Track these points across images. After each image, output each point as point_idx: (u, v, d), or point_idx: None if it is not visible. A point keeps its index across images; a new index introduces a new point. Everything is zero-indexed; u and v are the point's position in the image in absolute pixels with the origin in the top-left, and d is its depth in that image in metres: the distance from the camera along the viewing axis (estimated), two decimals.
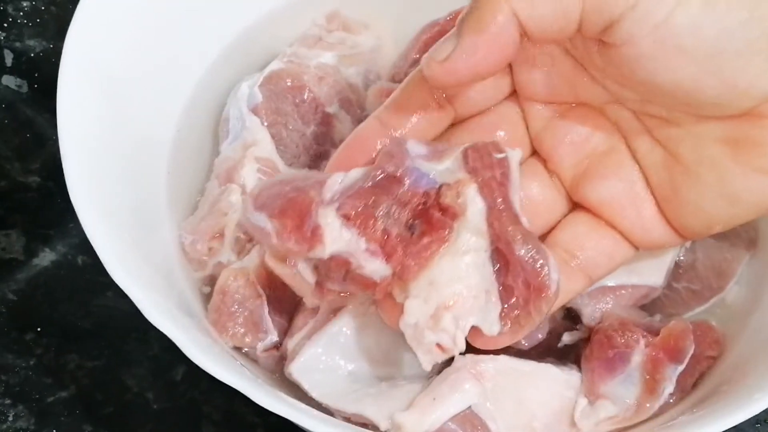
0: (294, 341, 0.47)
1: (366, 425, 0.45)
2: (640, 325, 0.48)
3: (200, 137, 0.56)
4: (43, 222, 0.60)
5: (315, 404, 0.46)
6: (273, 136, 0.53)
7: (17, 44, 0.66)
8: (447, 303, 0.39)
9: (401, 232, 0.40)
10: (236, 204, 0.51)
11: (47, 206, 0.61)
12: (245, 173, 0.51)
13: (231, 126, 0.54)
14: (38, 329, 0.57)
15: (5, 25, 0.66)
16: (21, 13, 0.67)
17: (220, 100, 0.56)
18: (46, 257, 0.59)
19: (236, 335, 0.48)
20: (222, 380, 0.40)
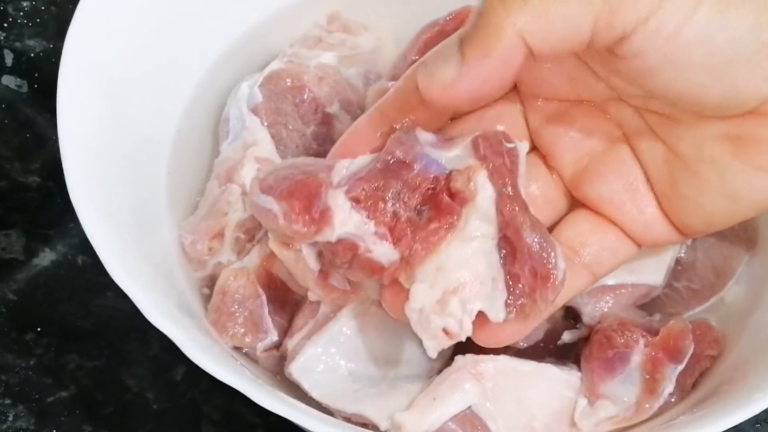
0: (294, 341, 0.47)
1: (366, 425, 0.45)
2: (640, 325, 0.48)
3: (200, 137, 0.56)
4: (43, 222, 0.60)
5: (315, 404, 0.46)
6: (273, 136, 0.53)
7: (17, 44, 0.66)
8: (454, 287, 0.38)
9: (410, 216, 0.39)
10: (236, 204, 0.51)
11: (47, 206, 0.61)
12: (245, 173, 0.51)
13: (231, 126, 0.54)
14: (38, 329, 0.57)
15: (5, 25, 0.66)
16: (21, 13, 0.67)
17: (221, 101, 0.56)
18: (46, 257, 0.59)
19: (236, 335, 0.48)
20: (222, 380, 0.40)
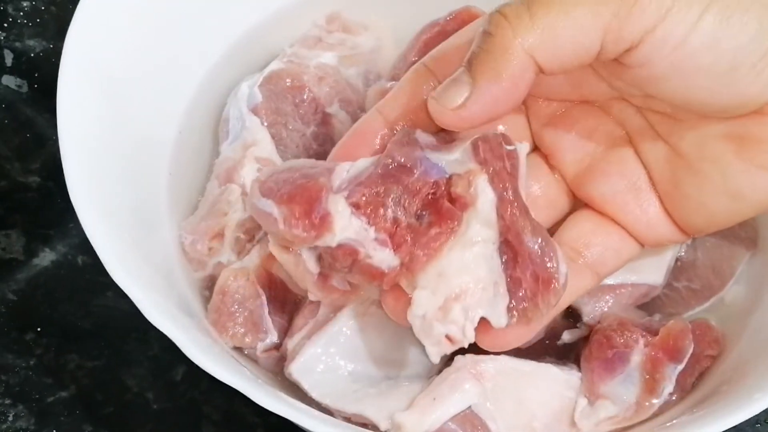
0: (294, 341, 0.47)
1: (366, 425, 0.45)
2: (639, 325, 0.48)
3: (201, 138, 0.56)
4: (43, 222, 0.60)
5: (315, 404, 0.46)
6: (273, 136, 0.53)
7: (17, 44, 0.66)
8: (456, 294, 0.39)
9: (411, 222, 0.39)
10: (236, 204, 0.51)
11: (47, 206, 0.61)
12: (245, 173, 0.51)
13: (231, 126, 0.54)
14: (38, 329, 0.57)
15: (5, 25, 0.66)
16: (21, 13, 0.67)
17: (221, 101, 0.56)
18: (46, 257, 0.59)
19: (236, 335, 0.48)
20: (222, 380, 0.40)
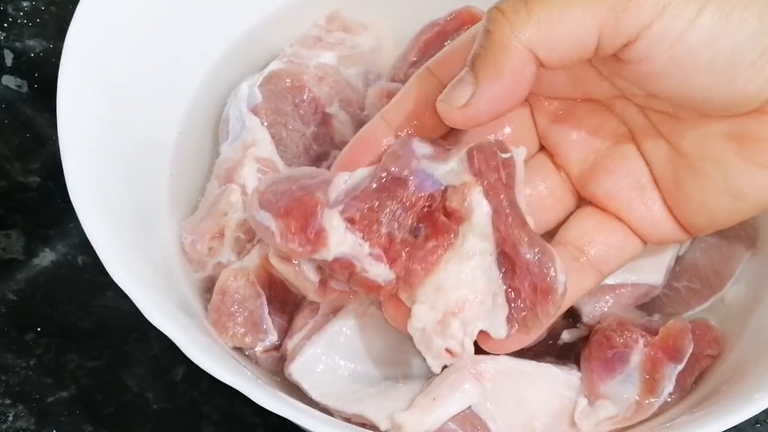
0: (294, 341, 0.47)
1: (366, 425, 0.44)
2: (639, 325, 0.48)
3: (202, 138, 0.56)
4: (43, 222, 0.60)
5: (315, 405, 0.46)
6: (273, 136, 0.53)
7: (17, 44, 0.66)
8: (454, 309, 0.39)
9: (405, 237, 0.40)
10: (236, 204, 0.51)
11: (47, 206, 0.61)
12: (245, 173, 0.51)
13: (231, 126, 0.54)
14: (38, 329, 0.57)
15: (5, 25, 0.66)
16: (21, 13, 0.67)
17: (222, 101, 0.56)
18: (46, 257, 0.59)
19: (236, 335, 0.48)
20: (222, 380, 0.40)
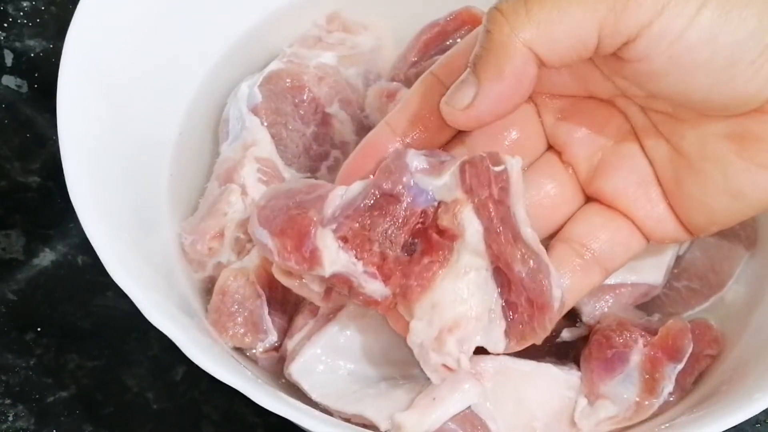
0: (293, 342, 0.47)
1: (366, 425, 0.45)
2: (638, 325, 0.48)
3: (202, 138, 0.56)
4: (43, 222, 0.60)
5: (315, 405, 0.46)
6: (273, 136, 0.53)
7: (17, 44, 0.66)
8: (450, 326, 0.39)
9: (399, 255, 0.40)
10: (236, 204, 0.51)
11: (47, 206, 0.61)
12: (245, 173, 0.51)
13: (231, 126, 0.54)
14: (38, 329, 0.57)
15: (5, 25, 0.66)
16: (21, 13, 0.67)
17: (222, 101, 0.56)
18: (46, 257, 0.59)
19: (236, 335, 0.48)
20: (222, 380, 0.40)
